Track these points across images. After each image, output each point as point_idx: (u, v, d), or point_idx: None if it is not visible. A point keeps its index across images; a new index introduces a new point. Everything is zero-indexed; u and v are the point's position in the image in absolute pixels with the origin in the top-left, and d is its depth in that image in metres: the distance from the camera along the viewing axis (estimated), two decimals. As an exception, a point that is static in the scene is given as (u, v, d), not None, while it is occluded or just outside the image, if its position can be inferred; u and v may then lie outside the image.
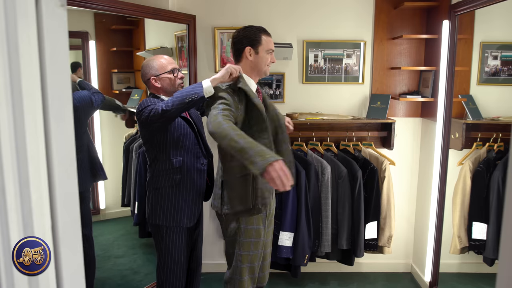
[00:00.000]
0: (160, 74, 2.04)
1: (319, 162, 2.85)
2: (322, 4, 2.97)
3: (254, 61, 1.94)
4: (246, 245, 1.95)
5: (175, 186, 2.01)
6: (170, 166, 2.00)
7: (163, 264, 2.07)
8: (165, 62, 2.06)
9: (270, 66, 1.99)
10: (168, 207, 2.01)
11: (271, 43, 1.96)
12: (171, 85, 2.07)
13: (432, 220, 2.85)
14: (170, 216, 2.02)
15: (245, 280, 1.99)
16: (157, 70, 2.04)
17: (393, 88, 3.06)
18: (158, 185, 2.02)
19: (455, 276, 2.94)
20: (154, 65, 2.05)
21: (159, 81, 2.05)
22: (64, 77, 0.71)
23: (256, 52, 1.93)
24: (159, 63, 2.05)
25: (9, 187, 0.66)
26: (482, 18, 2.62)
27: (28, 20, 0.66)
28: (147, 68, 2.06)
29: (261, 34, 1.94)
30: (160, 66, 2.04)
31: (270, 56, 1.96)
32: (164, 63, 2.05)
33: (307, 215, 2.79)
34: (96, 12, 3.00)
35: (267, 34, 1.97)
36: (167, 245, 2.05)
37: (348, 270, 3.18)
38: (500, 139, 2.65)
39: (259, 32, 1.94)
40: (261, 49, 1.94)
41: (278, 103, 3.06)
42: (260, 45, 1.93)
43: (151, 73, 2.05)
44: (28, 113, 0.67)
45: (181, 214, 2.03)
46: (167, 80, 2.05)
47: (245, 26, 1.98)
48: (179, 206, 2.02)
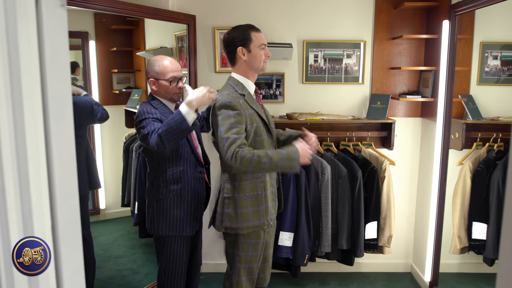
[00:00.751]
0: (159, 79, 2.00)
1: (319, 162, 2.85)
2: (322, 4, 2.97)
3: (249, 60, 1.91)
4: (245, 246, 1.95)
5: (177, 196, 2.01)
6: (170, 177, 2.00)
7: (165, 267, 2.08)
8: (167, 68, 2.00)
9: (267, 62, 1.96)
10: (170, 218, 2.01)
11: (262, 38, 1.92)
12: (167, 92, 2.02)
13: (432, 220, 2.85)
14: (173, 227, 2.02)
15: (242, 281, 1.99)
16: (157, 74, 2.00)
17: (393, 88, 3.06)
18: (159, 197, 2.02)
19: (455, 276, 2.94)
20: (156, 68, 2.00)
21: (156, 84, 2.01)
22: (64, 77, 0.71)
23: (249, 50, 1.89)
24: (161, 68, 2.00)
25: (9, 187, 0.66)
26: (482, 18, 2.62)
27: (28, 20, 0.66)
28: (150, 67, 2.02)
29: (249, 31, 1.90)
30: (161, 71, 1.99)
31: (264, 51, 1.93)
32: (165, 70, 1.99)
33: (307, 215, 2.79)
34: (96, 12, 3.01)
35: (256, 29, 1.93)
36: (169, 253, 2.06)
37: (348, 270, 3.18)
38: (500, 139, 2.65)
39: (247, 29, 1.90)
40: (253, 46, 1.89)
41: (278, 103, 3.06)
42: (251, 42, 1.89)
43: (151, 74, 2.01)
44: (28, 113, 0.67)
45: (184, 224, 2.04)
46: (164, 86, 2.01)
47: (232, 27, 1.95)
48: (181, 217, 2.03)
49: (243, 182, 1.91)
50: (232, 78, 1.95)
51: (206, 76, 3.03)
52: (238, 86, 1.92)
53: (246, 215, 1.90)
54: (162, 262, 2.08)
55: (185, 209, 2.03)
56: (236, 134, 1.78)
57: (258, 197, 1.92)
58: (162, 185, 2.01)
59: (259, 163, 1.73)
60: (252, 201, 1.91)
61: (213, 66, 3.03)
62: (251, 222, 1.91)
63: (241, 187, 1.90)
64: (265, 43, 1.94)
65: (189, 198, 2.04)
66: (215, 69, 3.02)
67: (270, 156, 1.75)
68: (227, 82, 1.96)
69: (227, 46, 1.93)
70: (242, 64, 1.93)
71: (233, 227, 1.91)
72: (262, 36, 1.94)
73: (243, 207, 1.90)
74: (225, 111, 1.81)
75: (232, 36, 1.91)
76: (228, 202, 1.92)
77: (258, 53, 1.91)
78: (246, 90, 1.93)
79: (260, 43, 1.91)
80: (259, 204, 1.92)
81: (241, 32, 1.90)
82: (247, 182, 1.91)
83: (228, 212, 1.92)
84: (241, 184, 1.90)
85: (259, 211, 1.92)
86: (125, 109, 3.38)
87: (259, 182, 1.92)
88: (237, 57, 1.92)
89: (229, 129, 1.79)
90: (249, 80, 1.95)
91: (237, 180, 1.91)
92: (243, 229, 1.91)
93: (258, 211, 1.92)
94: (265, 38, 1.95)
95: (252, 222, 1.91)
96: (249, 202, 1.91)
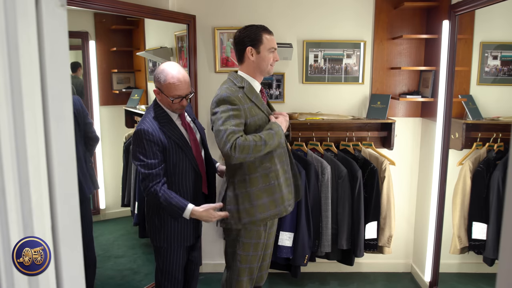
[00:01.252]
0: (163, 92, 1.92)
1: (319, 162, 2.85)
2: (322, 4, 2.97)
3: (257, 61, 1.90)
4: (247, 245, 1.95)
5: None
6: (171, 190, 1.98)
7: (161, 268, 2.08)
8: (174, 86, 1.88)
9: (273, 66, 1.96)
10: (171, 230, 2.00)
11: (273, 42, 1.92)
12: (169, 106, 1.95)
13: (432, 220, 2.85)
14: (173, 238, 2.01)
15: (243, 281, 1.99)
16: (162, 87, 1.90)
17: (393, 88, 3.06)
18: (159, 211, 1.99)
19: (455, 276, 2.94)
20: (162, 80, 1.89)
21: (160, 96, 1.94)
22: (64, 77, 0.71)
23: (258, 51, 1.89)
24: (166, 83, 1.88)
25: (9, 187, 0.66)
26: (482, 18, 2.62)
27: (28, 20, 0.66)
28: (157, 76, 1.92)
29: (262, 33, 1.89)
30: (166, 87, 1.88)
31: (273, 55, 1.92)
32: (171, 87, 1.88)
33: (307, 215, 2.79)
34: (96, 12, 3.00)
35: (269, 32, 1.92)
36: (169, 259, 2.06)
37: (348, 270, 3.18)
38: (500, 139, 2.65)
39: (260, 30, 1.89)
40: (263, 48, 1.89)
41: (278, 103, 3.06)
42: (261, 44, 1.88)
43: (157, 84, 1.93)
44: (28, 112, 0.67)
45: (185, 235, 2.03)
46: (167, 100, 1.92)
47: (245, 25, 1.94)
48: (182, 228, 2.01)
49: (252, 175, 1.90)
50: (234, 74, 1.94)
51: (206, 76, 3.03)
52: (237, 79, 1.91)
53: (263, 206, 1.90)
54: (159, 263, 2.09)
55: (185, 222, 2.01)
56: (235, 126, 1.78)
57: (272, 187, 1.92)
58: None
59: (256, 147, 1.78)
60: (267, 192, 1.91)
61: (213, 66, 3.03)
62: (269, 212, 1.92)
63: (252, 180, 1.90)
64: (275, 46, 1.93)
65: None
66: (215, 69, 3.02)
67: (264, 138, 1.81)
68: (228, 76, 1.96)
69: (237, 43, 1.92)
70: (250, 64, 1.92)
71: (253, 221, 1.91)
72: (274, 39, 1.93)
73: (258, 198, 1.90)
74: (223, 106, 1.81)
75: (244, 35, 1.90)
76: (242, 198, 1.91)
77: (267, 56, 1.91)
78: (246, 82, 1.91)
79: (270, 46, 1.91)
80: (274, 193, 1.92)
81: (253, 32, 1.89)
82: (257, 175, 1.90)
83: (244, 207, 1.90)
84: (251, 177, 1.90)
85: (274, 200, 1.93)
86: (125, 109, 3.38)
87: (270, 173, 1.92)
88: (245, 56, 1.92)
89: (227, 121, 1.78)
90: (255, 79, 1.95)
91: (247, 174, 1.90)
92: (261, 220, 1.92)
93: (274, 200, 1.92)
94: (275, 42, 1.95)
95: (269, 212, 1.92)
96: (263, 193, 1.90)
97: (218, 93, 1.86)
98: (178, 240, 2.02)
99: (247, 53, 1.90)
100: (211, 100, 1.91)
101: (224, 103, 1.81)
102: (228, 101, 1.80)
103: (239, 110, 1.80)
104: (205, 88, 3.02)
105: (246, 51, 1.90)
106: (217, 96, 1.84)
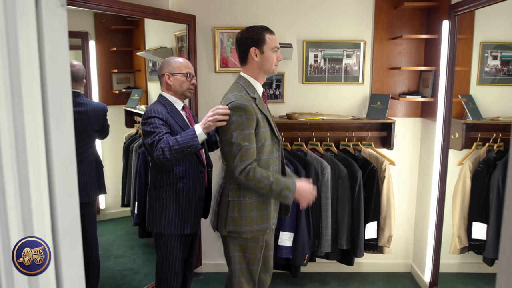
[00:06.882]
0: (175, 73, 2.11)
1: (319, 162, 2.85)
2: (322, 4, 2.97)
3: (261, 61, 1.90)
4: (242, 247, 1.95)
5: (178, 194, 2.05)
6: (174, 175, 2.04)
7: (161, 262, 2.13)
8: (183, 64, 2.14)
9: (278, 65, 1.96)
10: (172, 216, 2.06)
11: (275, 41, 1.92)
12: (181, 87, 2.12)
13: (432, 220, 2.85)
14: (174, 225, 2.07)
15: (243, 282, 1.99)
16: (173, 68, 2.11)
17: (393, 88, 3.06)
18: (162, 196, 2.06)
19: (455, 276, 2.94)
20: (172, 63, 2.12)
21: (171, 79, 2.10)
22: (64, 77, 0.71)
23: (262, 51, 1.89)
24: (177, 63, 2.13)
25: (9, 187, 0.66)
26: (482, 18, 2.62)
27: (28, 20, 0.66)
28: (165, 64, 2.13)
29: (264, 33, 1.89)
30: (177, 66, 2.12)
31: (276, 55, 1.92)
32: (181, 65, 2.13)
33: (307, 215, 2.79)
34: (96, 12, 3.01)
35: (271, 32, 1.92)
36: (168, 250, 2.11)
37: (348, 270, 3.18)
38: (500, 139, 2.65)
39: (262, 31, 1.90)
40: (266, 48, 1.89)
41: (278, 103, 3.06)
42: (264, 44, 1.88)
43: (167, 70, 2.11)
44: (28, 113, 0.67)
45: (185, 222, 2.08)
46: (179, 80, 2.11)
47: (247, 27, 1.94)
48: (182, 215, 2.07)
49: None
50: (244, 79, 1.92)
51: (206, 76, 3.03)
52: (250, 89, 1.90)
53: (250, 219, 1.90)
54: (160, 257, 2.13)
55: (186, 208, 2.07)
56: (249, 142, 1.80)
57: (264, 202, 1.92)
58: (166, 183, 2.05)
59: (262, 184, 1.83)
60: (257, 205, 1.91)
61: (213, 66, 3.03)
62: (255, 226, 1.91)
63: (247, 190, 1.90)
64: (278, 46, 1.94)
65: (190, 197, 2.07)
66: (215, 69, 3.02)
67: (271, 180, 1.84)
68: (237, 81, 1.94)
69: (240, 45, 1.92)
70: (254, 65, 1.91)
71: (237, 231, 1.91)
72: (276, 39, 1.94)
73: (248, 211, 1.90)
74: (238, 114, 1.80)
75: (246, 36, 1.89)
76: (233, 206, 1.91)
77: (271, 55, 1.90)
78: (256, 94, 1.91)
79: (273, 45, 1.91)
80: (264, 208, 1.92)
81: (256, 33, 1.89)
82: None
83: (232, 215, 1.91)
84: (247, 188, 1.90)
85: (263, 215, 1.92)
86: (125, 109, 3.38)
87: None
88: (249, 57, 1.91)
89: (242, 136, 1.79)
90: (258, 82, 1.94)
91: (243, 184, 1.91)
92: (246, 233, 1.91)
93: (262, 216, 1.92)
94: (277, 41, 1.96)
95: (256, 226, 1.91)
96: (254, 206, 1.90)
97: (233, 99, 1.83)
98: (178, 227, 2.07)
99: (251, 54, 1.89)
100: (211, 100, 1.91)
101: (240, 110, 1.80)
102: (244, 110, 1.80)
103: (253, 120, 1.82)
104: (205, 88, 3.02)
105: (250, 52, 1.89)
106: (234, 103, 1.81)
